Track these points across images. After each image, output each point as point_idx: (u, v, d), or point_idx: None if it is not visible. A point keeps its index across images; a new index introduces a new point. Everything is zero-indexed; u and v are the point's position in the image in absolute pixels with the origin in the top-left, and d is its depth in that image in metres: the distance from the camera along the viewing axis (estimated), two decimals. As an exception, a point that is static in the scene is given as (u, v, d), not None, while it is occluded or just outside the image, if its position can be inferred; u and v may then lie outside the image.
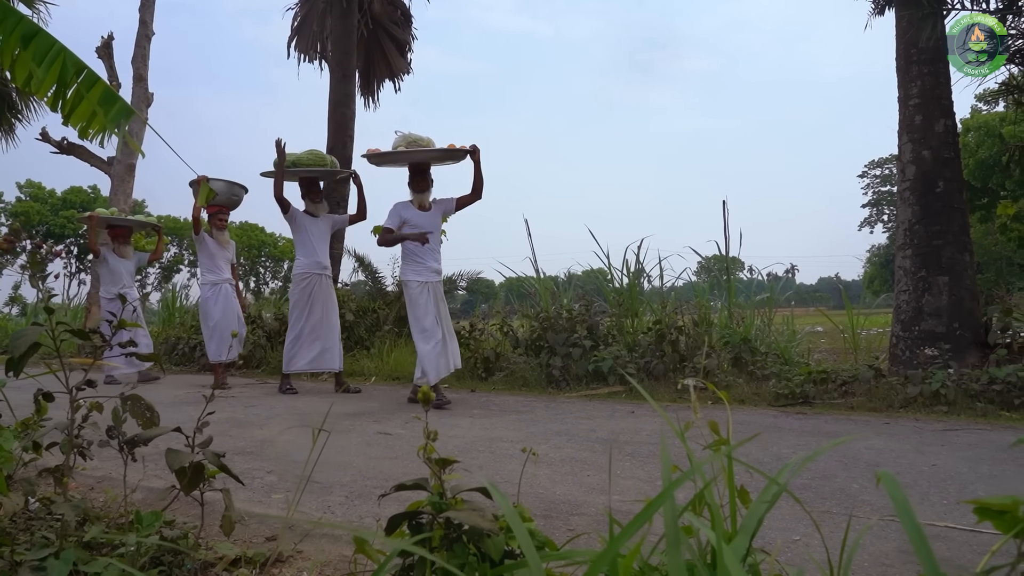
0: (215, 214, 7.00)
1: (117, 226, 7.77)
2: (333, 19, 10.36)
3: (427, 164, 5.66)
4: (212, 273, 6.92)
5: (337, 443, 3.89)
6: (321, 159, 6.33)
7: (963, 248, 5.48)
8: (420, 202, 5.59)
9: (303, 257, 6.30)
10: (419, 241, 5.40)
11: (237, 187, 7.00)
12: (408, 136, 5.58)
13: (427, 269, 5.45)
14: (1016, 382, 4.48)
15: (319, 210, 6.42)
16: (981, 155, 23.12)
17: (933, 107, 5.62)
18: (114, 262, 7.62)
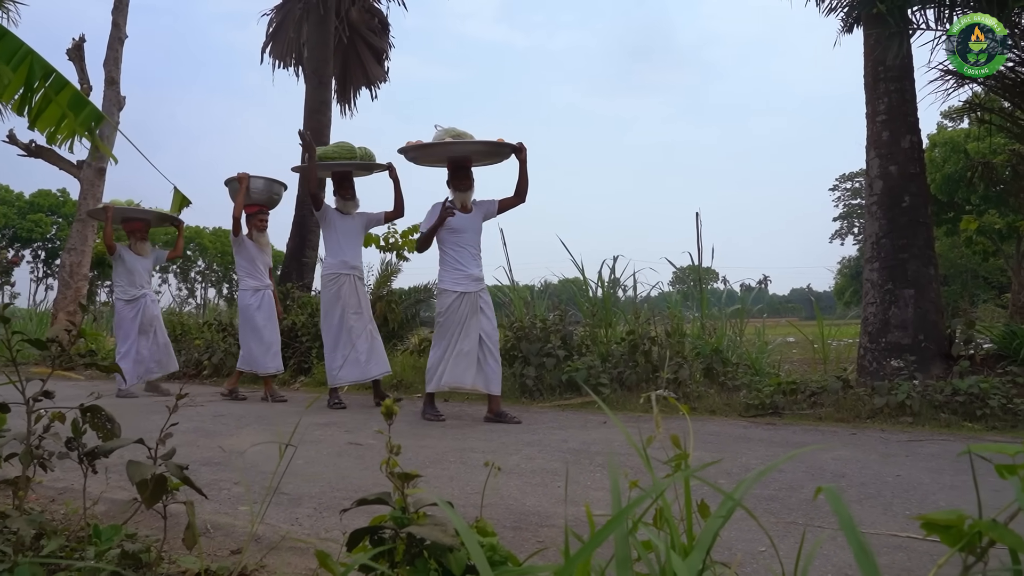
0: (255, 215, 6.51)
1: (134, 219, 7.03)
2: (310, 26, 10.32)
3: (469, 161, 5.23)
4: (253, 278, 6.47)
5: (307, 454, 3.85)
6: (350, 151, 5.87)
7: (928, 262, 5.61)
8: (461, 202, 5.15)
9: (331, 257, 5.86)
10: (446, 217, 4.96)
11: (276, 185, 6.57)
12: (450, 130, 5.15)
13: (467, 277, 5.04)
14: (978, 393, 4.57)
15: (350, 207, 5.92)
16: (947, 170, 23.65)
17: (899, 123, 5.75)
18: (131, 260, 6.92)
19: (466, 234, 5.08)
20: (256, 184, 6.40)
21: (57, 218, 48.06)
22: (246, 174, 6.33)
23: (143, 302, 6.89)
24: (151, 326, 6.93)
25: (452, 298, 4.98)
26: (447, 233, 5.05)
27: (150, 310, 6.95)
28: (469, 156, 5.20)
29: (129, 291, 6.88)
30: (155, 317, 7.02)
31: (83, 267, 11.35)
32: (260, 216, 6.51)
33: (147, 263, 7.05)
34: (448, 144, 5.03)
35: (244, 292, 6.46)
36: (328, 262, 5.84)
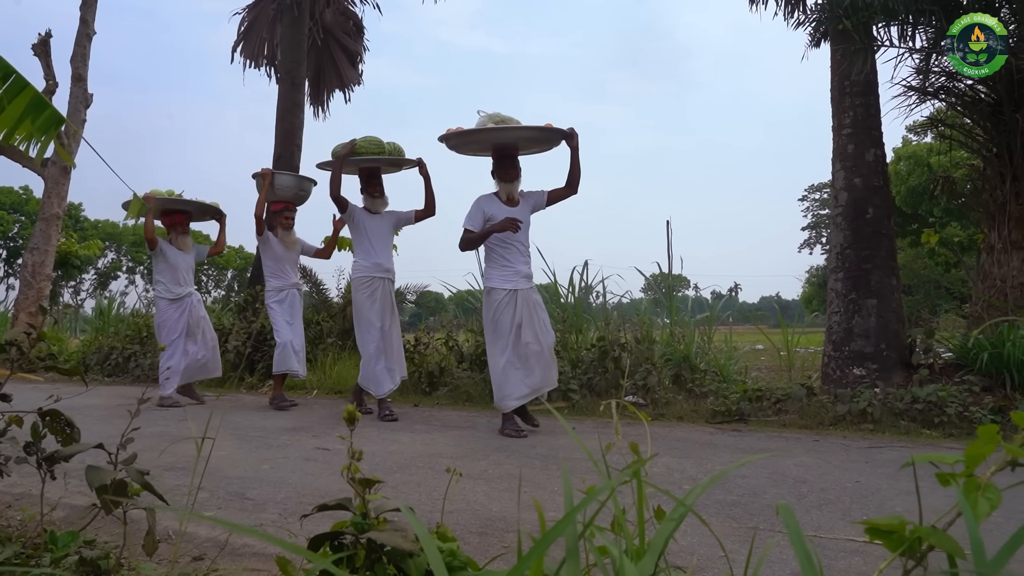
0: (280, 211, 6.12)
1: (175, 211, 6.45)
2: (283, 26, 10.25)
3: (515, 148, 4.85)
4: (277, 278, 6.12)
5: (273, 458, 3.82)
6: (379, 146, 5.49)
7: (890, 272, 5.74)
8: (508, 194, 4.78)
9: (361, 259, 5.50)
10: (508, 230, 4.59)
11: (306, 181, 6.25)
12: (494, 115, 4.75)
13: (516, 274, 4.68)
14: (936, 401, 4.69)
15: (379, 205, 5.59)
16: (912, 183, 24.22)
17: (864, 137, 5.88)
18: (173, 255, 6.35)
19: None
20: (284, 180, 6.09)
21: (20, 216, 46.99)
22: (269, 170, 6.03)
23: (189, 301, 6.38)
24: (198, 327, 6.42)
25: (502, 296, 4.62)
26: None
27: (196, 310, 6.44)
28: (515, 143, 4.83)
29: (173, 289, 6.33)
30: (202, 318, 6.50)
31: (46, 267, 11.09)
32: (286, 213, 6.15)
33: (189, 259, 6.49)
34: (493, 130, 4.66)
35: (268, 293, 6.16)
36: (359, 264, 5.50)
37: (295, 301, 6.20)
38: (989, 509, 0.86)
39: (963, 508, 0.84)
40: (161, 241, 6.34)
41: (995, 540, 0.80)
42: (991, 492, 0.87)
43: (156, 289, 6.36)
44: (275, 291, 6.13)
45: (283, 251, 6.15)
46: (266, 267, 6.15)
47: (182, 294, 6.35)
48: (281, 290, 6.12)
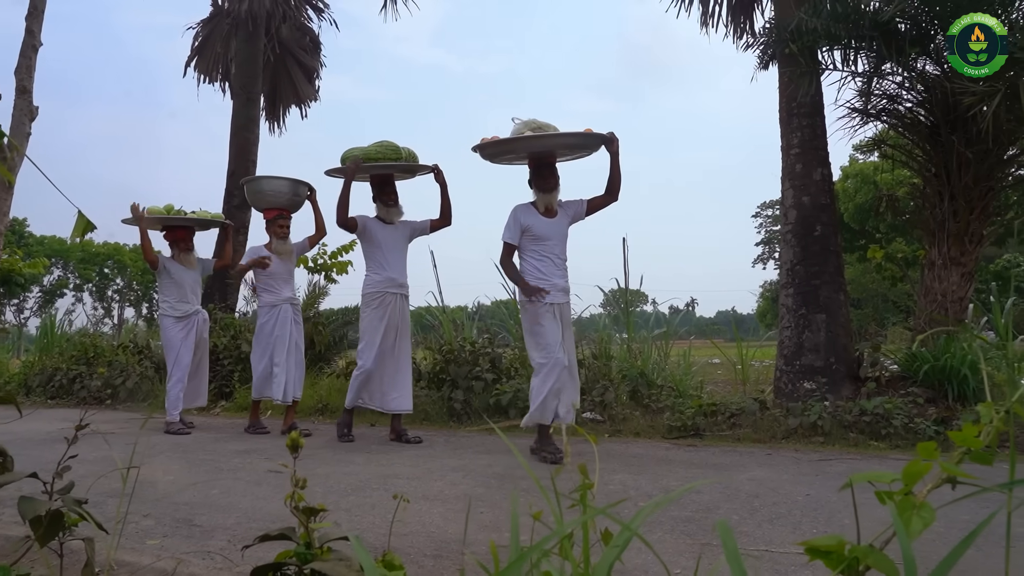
0: (274, 219, 5.69)
1: (175, 228, 6.09)
2: (238, 42, 10.13)
3: (553, 156, 4.62)
4: (270, 292, 5.68)
5: (224, 483, 3.72)
6: (395, 151, 5.17)
7: (838, 288, 5.90)
8: (546, 204, 4.54)
9: (373, 272, 5.16)
10: (532, 295, 4.35)
11: (301, 186, 5.76)
12: (530, 122, 4.52)
13: (554, 287, 4.46)
14: (883, 413, 4.82)
15: (394, 215, 5.22)
16: (859, 200, 25.00)
17: (811, 157, 6.05)
18: (177, 272, 5.98)
19: (551, 241, 4.51)
20: (278, 185, 5.66)
21: (-41, 232, 45.28)
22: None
23: (195, 320, 6.03)
24: (199, 348, 6.09)
25: (541, 308, 4.41)
26: (529, 241, 4.49)
27: (201, 330, 6.10)
28: (553, 151, 4.62)
29: (179, 307, 5.97)
30: (204, 340, 6.16)
31: (-14, 285, 10.67)
32: (280, 222, 5.69)
33: (195, 275, 6.15)
34: (530, 138, 4.44)
35: (261, 308, 5.74)
36: (371, 278, 5.15)
37: (287, 317, 5.68)
38: (923, 527, 0.88)
39: (897, 527, 0.86)
40: (163, 258, 6.00)
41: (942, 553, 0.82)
42: (925, 511, 0.89)
43: (161, 307, 6.08)
44: (268, 307, 5.68)
45: (278, 263, 5.68)
46: (259, 281, 5.74)
47: (189, 312, 6.00)
48: (274, 305, 5.67)
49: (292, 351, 5.66)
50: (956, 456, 0.91)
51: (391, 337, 5.15)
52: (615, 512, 2.74)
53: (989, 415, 0.90)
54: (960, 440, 0.90)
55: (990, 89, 5.01)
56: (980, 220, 5.91)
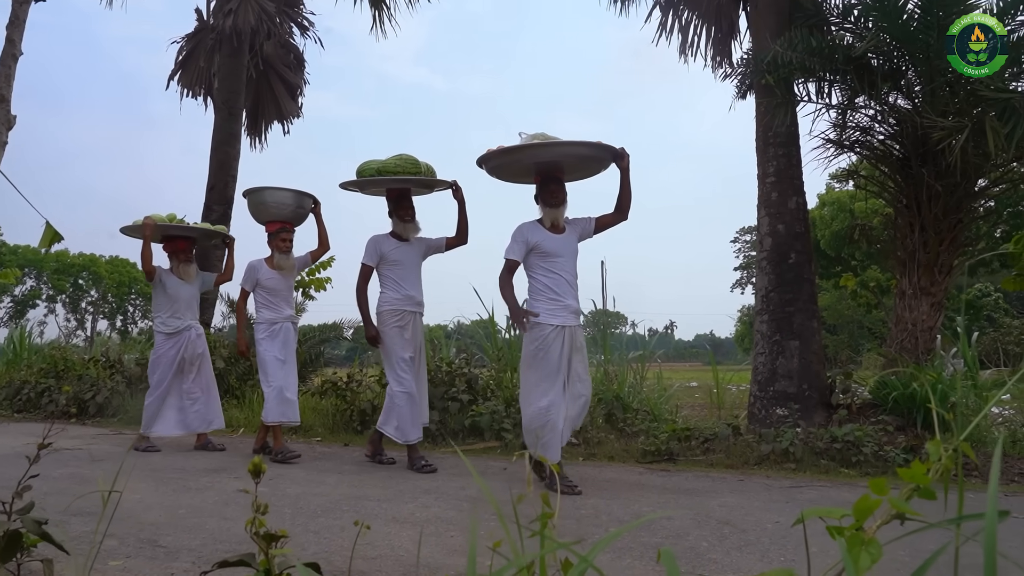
0: (276, 233, 5.40)
1: (176, 238, 5.81)
2: (222, 57, 10.12)
3: (561, 171, 4.47)
4: (269, 309, 5.38)
5: (191, 502, 3.67)
6: (414, 164, 4.98)
7: (811, 315, 5.98)
8: (552, 220, 4.37)
9: (389, 291, 4.95)
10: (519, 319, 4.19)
11: (306, 198, 5.51)
12: (538, 135, 4.38)
13: (565, 308, 4.25)
14: (853, 441, 4.87)
15: (410, 231, 5.04)
16: (835, 227, 25.41)
17: (787, 186, 6.16)
18: (173, 286, 5.71)
19: (560, 258, 4.32)
20: (281, 197, 5.40)
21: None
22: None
23: (187, 336, 5.71)
24: (193, 365, 5.75)
25: (548, 332, 4.16)
26: (538, 258, 4.30)
27: (194, 346, 5.75)
28: (561, 165, 4.46)
29: (170, 322, 5.67)
30: (199, 355, 5.80)
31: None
32: (283, 235, 5.42)
33: (192, 289, 5.83)
34: (538, 146, 4.24)
35: (258, 327, 5.41)
36: (388, 296, 4.94)
37: (289, 336, 5.42)
38: (871, 563, 0.90)
39: (846, 562, 0.88)
40: (161, 270, 5.73)
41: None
42: (873, 547, 0.91)
43: (153, 322, 5.81)
44: (267, 324, 5.35)
45: (280, 279, 5.43)
46: (258, 297, 5.44)
47: (180, 327, 5.70)
48: (273, 323, 5.35)
49: (295, 371, 5.47)
50: (905, 493, 0.93)
51: (415, 356, 4.98)
52: (584, 535, 2.74)
53: (937, 453, 0.93)
54: (908, 477, 0.92)
55: (958, 125, 5.15)
56: (949, 251, 6.04)
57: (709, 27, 8.05)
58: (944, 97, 5.67)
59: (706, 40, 8.12)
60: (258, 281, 5.39)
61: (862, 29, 6.26)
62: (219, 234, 6.08)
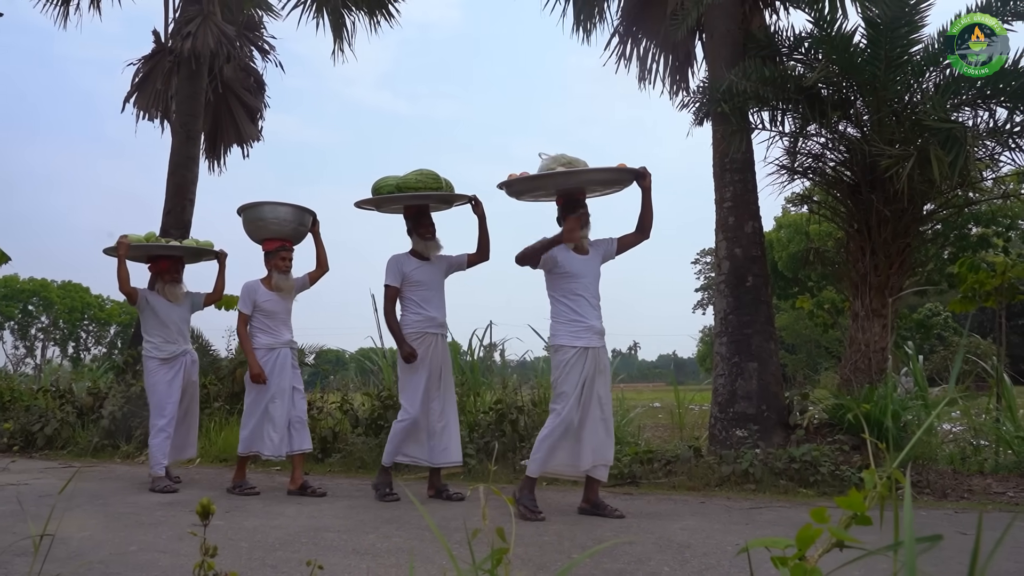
0: (275, 251, 5.12)
1: (160, 257, 5.44)
2: (180, 79, 10.01)
3: (583, 193, 4.45)
4: (267, 334, 5.08)
5: (143, 538, 3.55)
6: (435, 180, 4.79)
7: (769, 337, 6.09)
8: (576, 241, 4.34)
9: (411, 312, 4.74)
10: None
11: (306, 214, 5.24)
12: (559, 158, 4.33)
13: (589, 330, 4.20)
14: (811, 460, 4.96)
15: (432, 249, 4.84)
16: (792, 249, 25.99)
17: (743, 210, 6.30)
18: (162, 308, 5.31)
19: (583, 279, 4.27)
20: (281, 213, 5.11)
21: None
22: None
23: (183, 361, 5.34)
24: (186, 393, 5.41)
25: (572, 355, 4.12)
26: (561, 279, 4.25)
27: (190, 373, 5.41)
28: (583, 188, 4.44)
29: (164, 347, 5.27)
30: (193, 383, 5.49)
31: None
32: (283, 254, 5.12)
33: (183, 311, 5.44)
34: (561, 174, 4.24)
35: (256, 351, 5.06)
36: (409, 318, 4.74)
37: (287, 363, 5.11)
38: (814, 592, 0.92)
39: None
40: (144, 292, 5.37)
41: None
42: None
43: (145, 347, 5.37)
44: (265, 350, 5.06)
45: (278, 301, 5.15)
46: (256, 320, 5.12)
47: (176, 352, 5.31)
48: (272, 349, 5.08)
49: (292, 401, 5.11)
50: (844, 521, 0.95)
51: (436, 382, 4.74)
52: (546, 563, 2.73)
53: (872, 481, 0.96)
54: (846, 505, 0.95)
55: (904, 153, 5.34)
56: (899, 274, 6.22)
57: (667, 56, 8.23)
58: (891, 126, 5.88)
59: (664, 68, 8.29)
60: (256, 303, 5.09)
61: (813, 60, 6.48)
62: (207, 252, 5.62)
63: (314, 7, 9.58)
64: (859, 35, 5.83)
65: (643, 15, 8.01)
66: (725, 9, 6.49)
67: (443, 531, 3.65)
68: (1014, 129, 5.66)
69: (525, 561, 3.05)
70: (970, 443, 5.96)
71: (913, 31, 5.70)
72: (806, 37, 6.47)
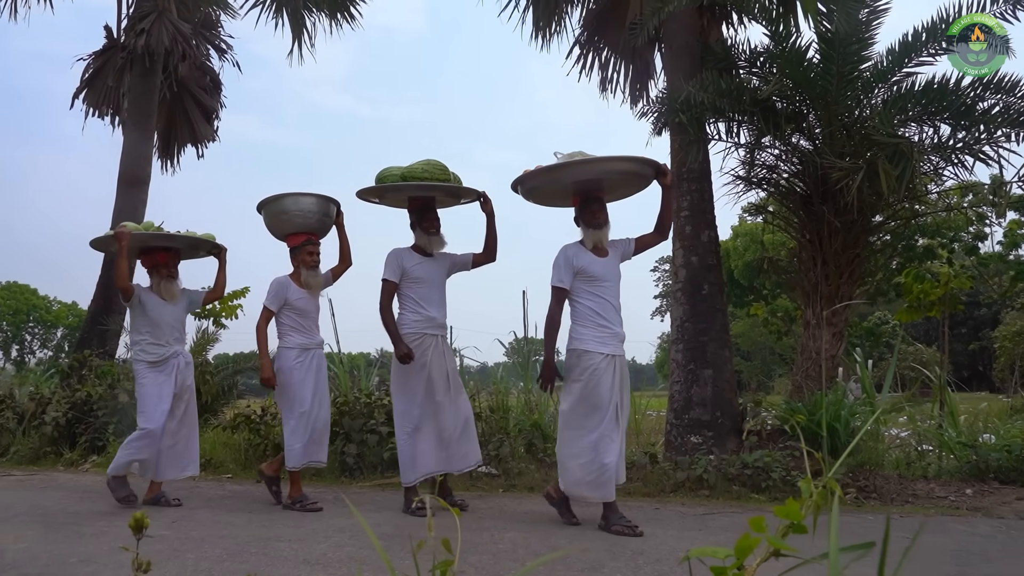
0: (302, 246, 4.79)
1: (155, 249, 4.95)
2: (133, 77, 9.77)
3: (603, 191, 4.26)
4: (299, 333, 4.73)
5: (84, 549, 3.43)
6: (443, 171, 4.52)
7: (724, 344, 6.19)
8: (595, 241, 4.13)
9: (409, 312, 4.49)
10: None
11: (331, 204, 4.91)
12: (575, 154, 4.13)
13: (614, 336, 4.04)
14: (762, 466, 5.04)
15: (435, 244, 4.59)
16: (747, 258, 26.51)
17: (700, 220, 6.40)
18: (154, 307, 4.83)
19: (607, 282, 4.10)
20: (306, 204, 4.77)
21: None
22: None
23: (175, 364, 4.83)
24: (182, 400, 4.90)
25: (598, 361, 3.94)
26: (584, 282, 4.06)
27: (184, 376, 4.90)
28: (601, 185, 4.26)
29: (154, 349, 4.79)
30: (188, 387, 4.96)
31: None
32: (309, 248, 4.79)
33: (177, 310, 4.96)
34: (577, 163, 4.03)
35: (287, 352, 4.71)
36: (407, 318, 4.47)
37: (322, 365, 4.86)
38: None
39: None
40: (140, 289, 4.86)
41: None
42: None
43: (133, 350, 4.91)
44: (297, 350, 4.71)
45: (308, 299, 4.80)
46: (283, 320, 4.75)
47: (167, 355, 4.82)
48: (306, 349, 4.74)
49: (323, 406, 4.83)
50: (781, 530, 0.97)
51: (441, 385, 4.46)
52: (500, 572, 2.72)
53: (808, 490, 0.97)
54: (783, 514, 0.96)
55: (853, 166, 5.49)
56: (849, 284, 6.39)
57: (627, 66, 8.33)
58: (841, 140, 6.04)
59: (625, 78, 8.39)
60: (287, 301, 4.71)
61: (768, 74, 6.62)
62: (206, 244, 5.13)
63: (273, 7, 9.43)
64: (812, 50, 5.98)
65: (604, 25, 8.09)
66: (683, 22, 6.60)
67: (398, 539, 3.62)
68: (957, 145, 5.86)
69: (479, 569, 3.03)
70: (915, 449, 6.13)
71: (863, 48, 5.88)
72: (762, 52, 6.61)
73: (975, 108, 5.75)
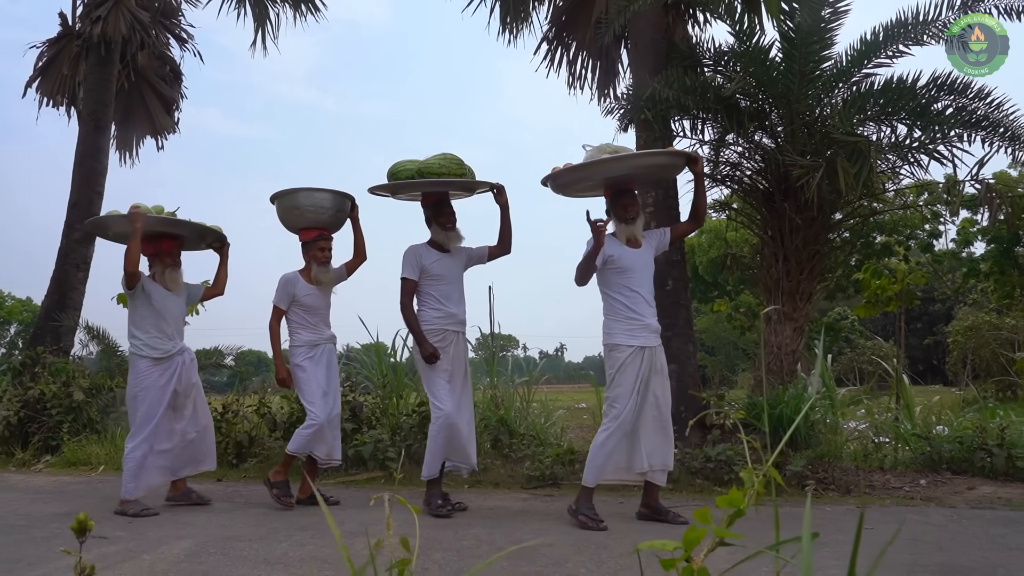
0: (314, 241, 4.66)
1: (162, 235, 4.66)
2: (89, 65, 9.49)
3: (634, 183, 4.24)
4: (309, 330, 4.63)
5: (36, 554, 3.33)
6: (459, 166, 4.44)
7: (688, 339, 6.26)
8: (628, 235, 4.12)
9: (430, 308, 4.38)
10: (599, 236, 3.90)
11: (345, 199, 4.78)
12: (604, 147, 4.08)
13: (645, 328, 4.03)
14: (725, 460, 5.11)
15: (453, 240, 4.49)
16: (712, 254, 26.85)
17: (665, 215, 6.42)
18: (159, 297, 4.55)
19: (638, 274, 4.08)
20: (320, 199, 4.65)
21: None
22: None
23: (179, 361, 4.59)
24: (188, 398, 4.64)
25: (628, 354, 3.95)
26: (615, 274, 4.04)
27: (188, 374, 4.64)
28: (632, 178, 4.21)
29: (157, 344, 4.50)
30: (194, 385, 4.69)
31: None
32: (322, 244, 4.67)
33: (180, 303, 4.71)
34: (608, 161, 3.99)
35: (297, 350, 4.61)
36: (428, 315, 4.38)
37: (332, 361, 4.74)
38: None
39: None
40: (144, 278, 4.56)
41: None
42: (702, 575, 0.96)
43: (132, 344, 4.56)
44: (307, 347, 4.61)
45: (319, 295, 4.69)
46: (293, 316, 4.64)
47: (171, 351, 4.56)
48: (315, 345, 4.63)
49: (339, 400, 4.78)
50: (727, 519, 0.98)
51: (459, 383, 4.43)
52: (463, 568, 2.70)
53: (751, 479, 0.98)
54: (726, 503, 0.97)
55: (814, 164, 5.58)
56: (809, 280, 6.50)
57: (594, 62, 8.35)
58: (803, 138, 6.14)
59: (592, 75, 8.41)
60: (295, 297, 4.61)
61: (732, 72, 6.70)
62: (212, 234, 4.91)
63: (236, -4, 9.25)
64: (775, 49, 6.07)
65: (571, 21, 8.10)
66: (649, 19, 6.63)
67: (361, 537, 3.58)
68: (913, 144, 6.00)
69: (442, 566, 3.02)
70: (872, 441, 6.28)
71: (825, 47, 5.98)
72: (727, 50, 6.68)
73: (931, 109, 5.89)
